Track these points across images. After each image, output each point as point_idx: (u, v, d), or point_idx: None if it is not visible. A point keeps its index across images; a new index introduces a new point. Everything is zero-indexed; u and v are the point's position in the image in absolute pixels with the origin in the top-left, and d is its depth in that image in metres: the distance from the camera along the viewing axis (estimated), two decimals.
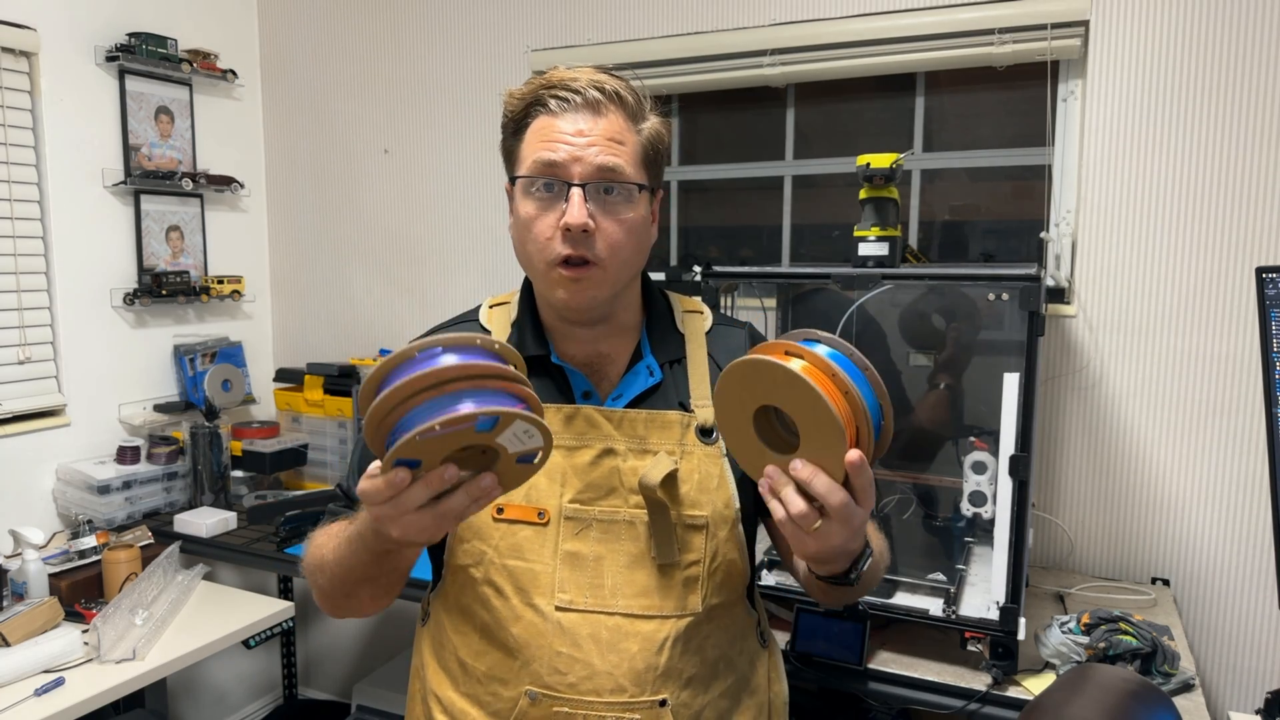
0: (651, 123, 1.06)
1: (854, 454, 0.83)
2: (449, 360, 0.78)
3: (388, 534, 0.84)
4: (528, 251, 1.04)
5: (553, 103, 1.02)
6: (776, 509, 0.88)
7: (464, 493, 0.82)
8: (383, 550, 0.93)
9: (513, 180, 1.06)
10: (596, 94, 1.01)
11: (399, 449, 0.77)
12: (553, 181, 1.00)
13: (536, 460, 0.86)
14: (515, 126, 1.05)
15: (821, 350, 0.86)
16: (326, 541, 1.09)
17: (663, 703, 1.04)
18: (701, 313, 1.19)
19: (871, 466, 0.86)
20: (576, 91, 1.01)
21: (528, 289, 1.14)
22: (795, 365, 0.84)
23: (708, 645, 1.08)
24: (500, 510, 1.05)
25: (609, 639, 1.03)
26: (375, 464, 0.82)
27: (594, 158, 0.99)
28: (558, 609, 1.03)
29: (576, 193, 0.99)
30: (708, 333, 1.16)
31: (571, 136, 1.00)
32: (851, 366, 0.86)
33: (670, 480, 1.04)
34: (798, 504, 0.85)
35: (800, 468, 0.85)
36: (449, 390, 0.77)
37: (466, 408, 0.76)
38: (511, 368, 0.82)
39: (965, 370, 1.84)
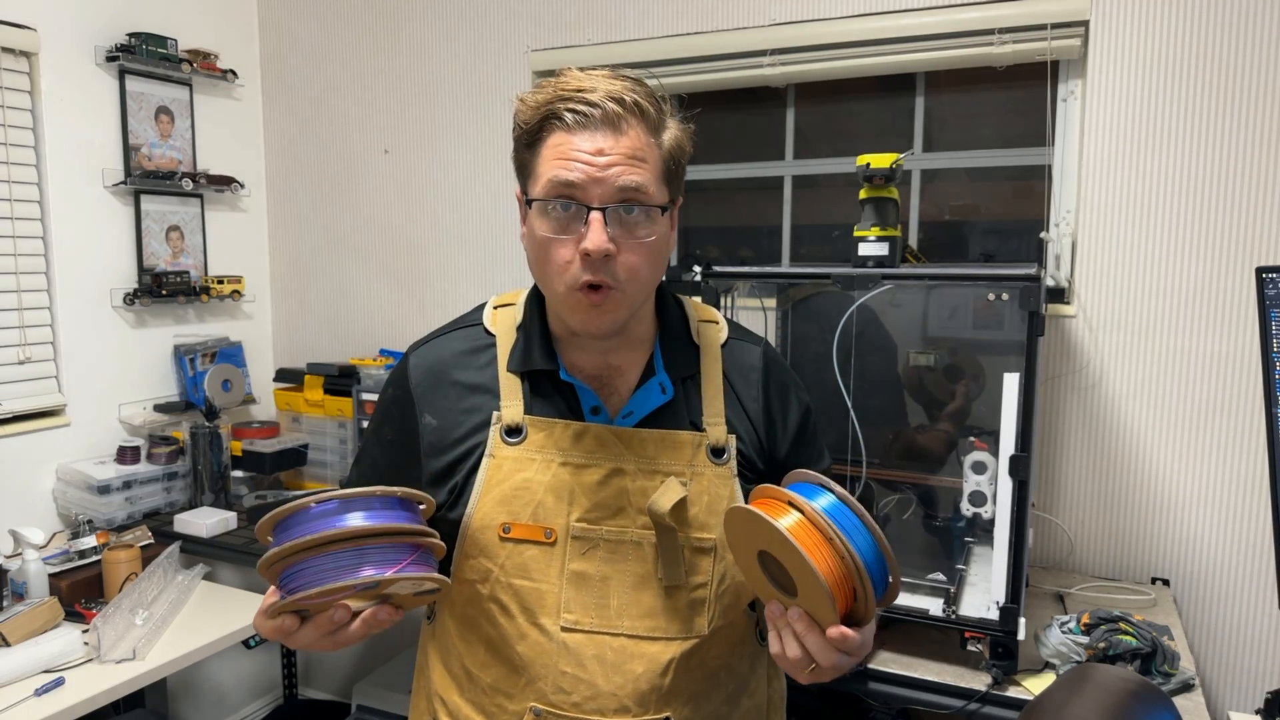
0: (671, 132, 1.00)
1: (834, 631, 0.85)
2: (348, 522, 0.85)
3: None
4: (545, 272, 1.00)
5: (569, 116, 0.95)
6: (773, 643, 0.91)
7: (362, 623, 0.89)
8: None
9: (527, 197, 1.01)
10: (616, 108, 0.94)
11: (282, 606, 0.85)
12: (570, 203, 0.95)
13: (440, 592, 0.93)
14: (529, 139, 0.99)
15: (821, 504, 0.86)
16: None
17: None
18: (717, 323, 1.14)
19: (871, 619, 0.88)
20: (594, 105, 0.94)
21: (537, 296, 1.10)
22: (786, 523, 0.84)
23: (710, 658, 1.07)
24: (507, 529, 1.02)
25: (614, 660, 1.02)
26: (270, 599, 0.89)
27: (615, 179, 0.94)
28: (563, 629, 1.02)
29: (596, 217, 0.94)
30: (723, 346, 1.12)
31: (590, 155, 0.94)
32: (853, 521, 0.86)
33: (679, 505, 1.02)
34: (793, 650, 0.89)
35: (795, 619, 0.88)
36: (335, 549, 0.84)
37: (343, 577, 0.83)
38: (410, 519, 0.88)
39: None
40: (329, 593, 0.83)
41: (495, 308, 1.14)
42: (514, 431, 1.05)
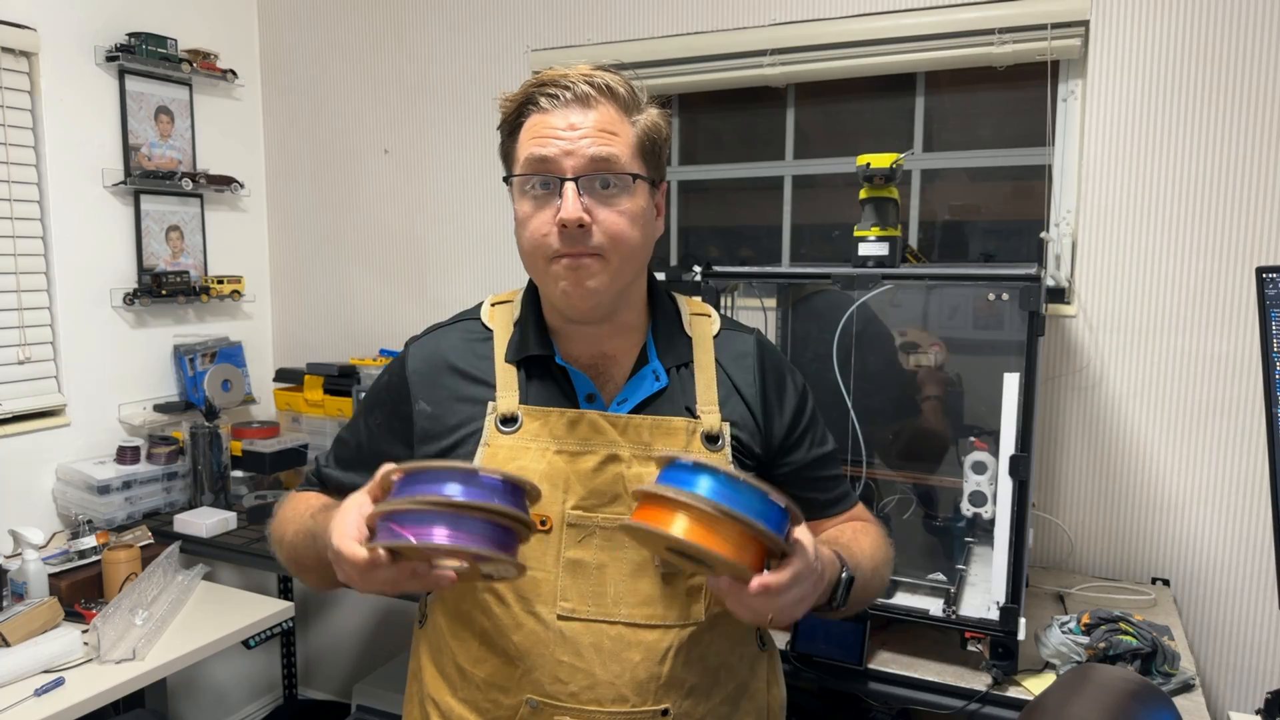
0: (648, 114, 1.04)
1: (755, 583, 0.84)
2: (486, 499, 0.84)
3: (338, 572, 0.89)
4: (526, 249, 1.03)
5: (543, 100, 1.00)
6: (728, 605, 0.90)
7: (420, 581, 0.87)
8: (328, 561, 0.93)
9: (507, 180, 1.05)
10: (587, 88, 1.00)
11: (402, 549, 0.83)
12: (547, 178, 0.99)
13: (504, 581, 0.93)
14: (510, 127, 1.04)
15: (702, 489, 0.84)
16: (292, 518, 1.12)
17: (664, 712, 1.03)
18: (709, 315, 1.16)
19: (792, 550, 0.86)
20: (566, 87, 0.99)
21: (533, 289, 1.12)
22: (678, 528, 0.83)
23: (709, 653, 1.07)
24: None
25: (611, 648, 1.02)
26: (360, 526, 0.87)
27: (586, 149, 0.98)
28: (560, 618, 1.02)
29: (570, 187, 0.97)
30: (715, 336, 1.14)
31: (563, 131, 0.98)
32: (731, 489, 0.84)
33: None
34: (740, 610, 0.88)
35: (725, 589, 0.86)
36: (465, 514, 0.82)
37: (468, 542, 0.82)
38: (520, 509, 0.87)
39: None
40: (449, 551, 0.82)
41: (493, 305, 1.17)
42: (509, 421, 1.06)
